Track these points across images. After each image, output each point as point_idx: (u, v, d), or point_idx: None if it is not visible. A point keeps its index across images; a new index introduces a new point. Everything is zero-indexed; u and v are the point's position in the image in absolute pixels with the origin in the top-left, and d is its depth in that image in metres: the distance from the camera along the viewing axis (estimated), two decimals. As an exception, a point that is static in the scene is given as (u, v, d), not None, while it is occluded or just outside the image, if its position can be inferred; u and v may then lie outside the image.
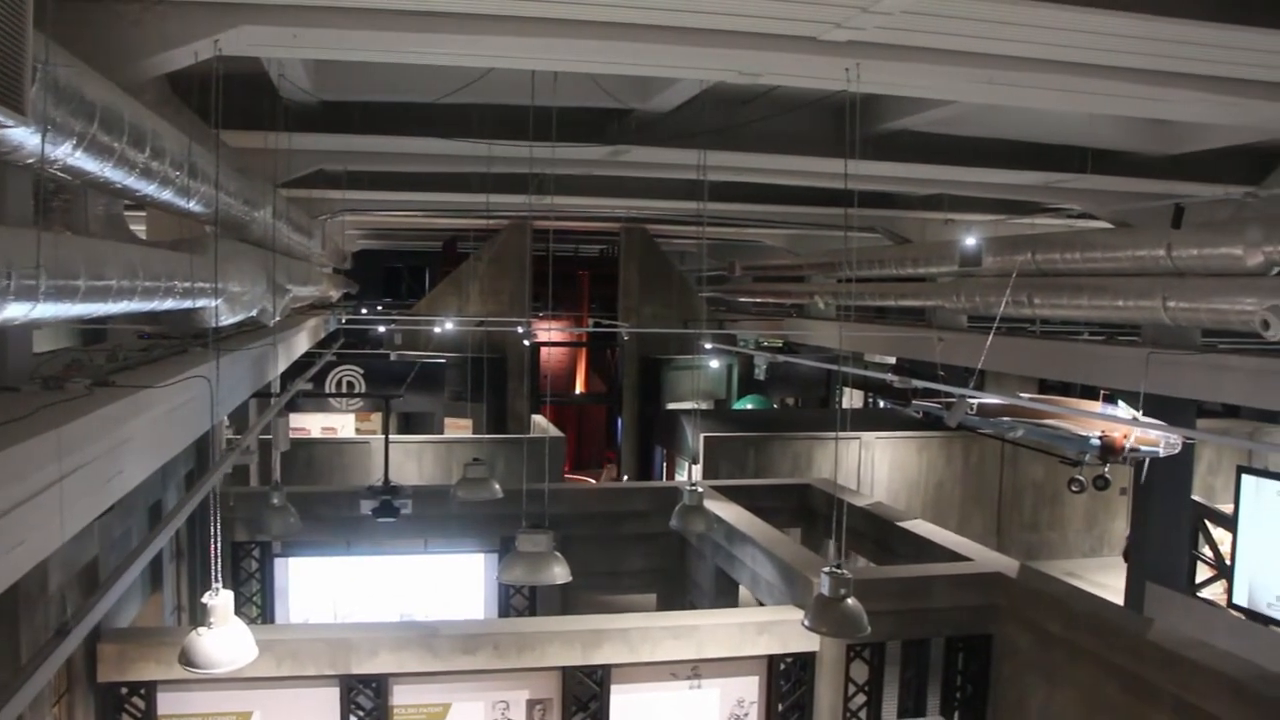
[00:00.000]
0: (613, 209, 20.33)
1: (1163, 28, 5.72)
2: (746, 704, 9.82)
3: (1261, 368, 11.23)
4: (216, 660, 5.33)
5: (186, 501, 5.00)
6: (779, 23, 5.97)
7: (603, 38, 6.07)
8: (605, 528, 14.48)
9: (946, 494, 22.23)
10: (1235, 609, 15.60)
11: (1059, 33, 5.89)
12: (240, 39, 5.76)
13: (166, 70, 6.06)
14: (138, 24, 5.46)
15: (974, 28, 5.92)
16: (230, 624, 5.40)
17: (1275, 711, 7.36)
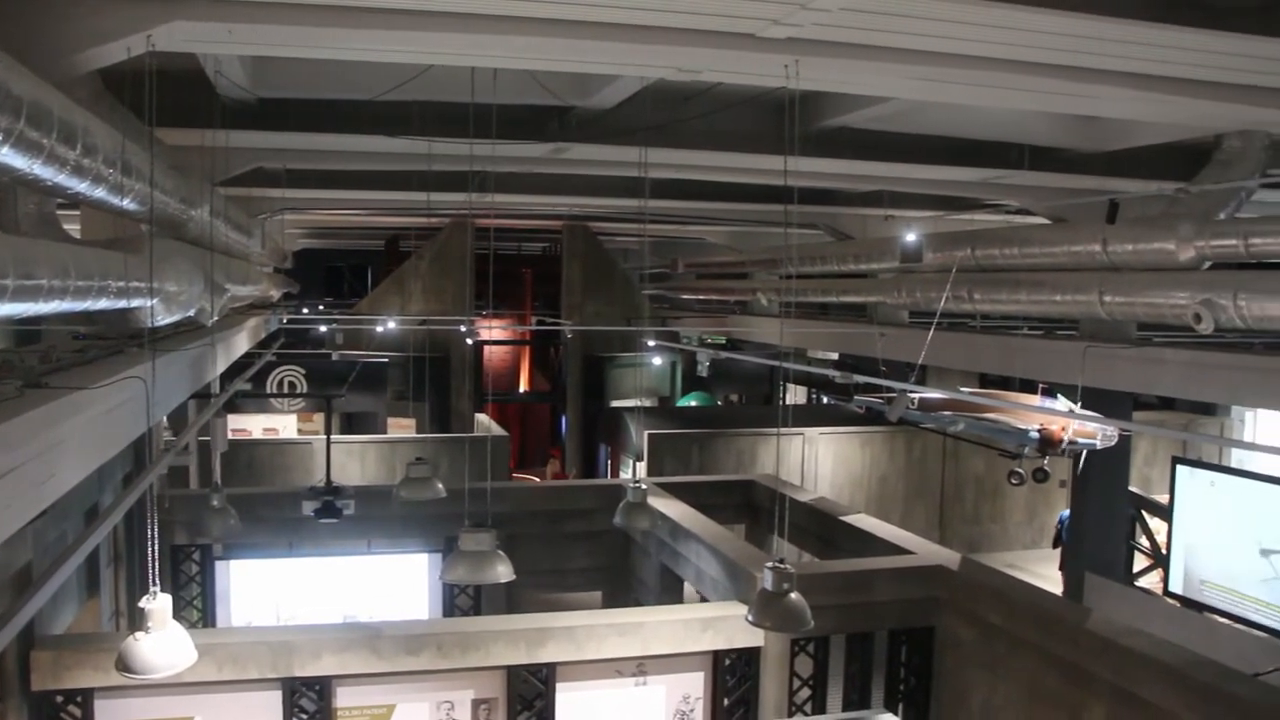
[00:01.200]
0: (555, 207, 20.29)
1: (1094, 26, 5.80)
2: (692, 700, 9.85)
3: (1194, 360, 11.43)
4: (154, 665, 5.24)
5: (121, 501, 4.92)
6: (717, 19, 5.99)
7: (541, 34, 6.05)
8: (550, 526, 14.45)
9: (890, 488, 22.42)
10: (1171, 597, 15.87)
11: (993, 30, 5.96)
12: (173, 34, 5.67)
13: (98, 66, 5.96)
14: (67, 18, 5.37)
15: (910, 25, 5.97)
16: (169, 628, 5.31)
17: (1206, 694, 7.52)
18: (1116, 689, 8.23)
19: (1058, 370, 13.13)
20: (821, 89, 8.96)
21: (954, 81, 7.17)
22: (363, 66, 8.91)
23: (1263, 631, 13.97)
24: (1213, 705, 7.42)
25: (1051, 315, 13.83)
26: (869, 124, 10.94)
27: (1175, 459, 17.05)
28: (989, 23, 5.78)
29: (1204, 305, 10.09)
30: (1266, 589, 14.21)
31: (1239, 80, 7.02)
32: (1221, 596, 15.04)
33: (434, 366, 23.80)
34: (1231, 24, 5.91)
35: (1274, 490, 14.85)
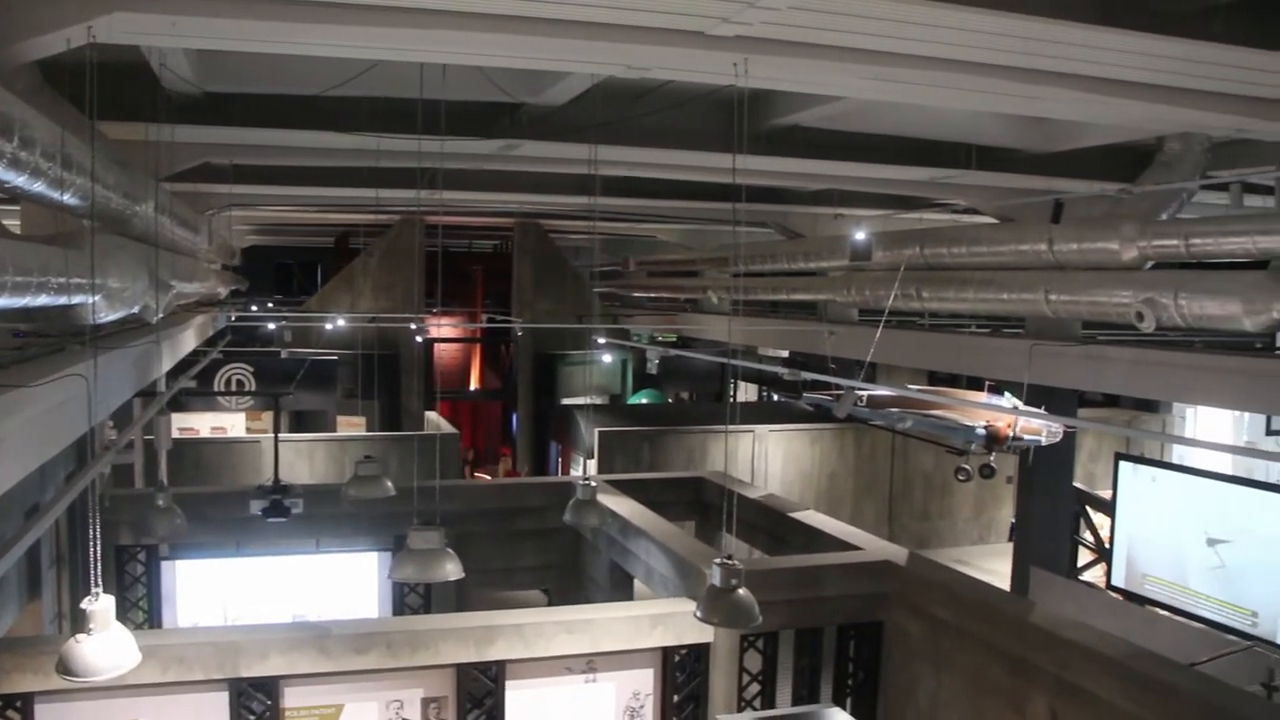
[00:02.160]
0: (506, 204, 20.24)
1: (1040, 28, 5.87)
2: (642, 696, 9.86)
3: (1137, 358, 11.61)
4: (97, 668, 5.17)
5: (60, 498, 4.85)
6: (666, 16, 6.00)
7: (490, 30, 6.03)
8: (499, 524, 14.40)
9: (839, 485, 22.58)
10: (1114, 590, 16.10)
11: (942, 30, 6.01)
12: (115, 26, 5.59)
13: (37, 57, 5.87)
14: (3, 8, 5.28)
15: (859, 24, 6.01)
16: (111, 629, 5.24)
17: (1144, 684, 7.65)
18: (1059, 680, 8.34)
19: (1004, 368, 13.28)
20: (772, 87, 8.99)
21: (903, 81, 7.22)
22: (311, 61, 8.83)
23: (1201, 623, 14.21)
24: (1150, 695, 7.55)
25: (998, 313, 13.99)
26: (820, 123, 11.00)
27: (1118, 455, 17.26)
28: (938, 23, 5.83)
29: (1146, 304, 10.26)
30: (1211, 578, 14.44)
31: (1180, 84, 7.13)
32: (1162, 590, 15.27)
33: (384, 364, 23.67)
34: (1172, 29, 6.01)
35: (1213, 485, 15.10)
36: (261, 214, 24.14)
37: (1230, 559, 14.30)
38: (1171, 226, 10.07)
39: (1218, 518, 14.57)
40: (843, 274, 15.84)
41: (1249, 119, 7.90)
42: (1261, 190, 11.93)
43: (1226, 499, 14.64)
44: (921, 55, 6.44)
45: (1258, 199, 12.25)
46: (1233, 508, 14.47)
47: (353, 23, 5.95)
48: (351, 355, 22.19)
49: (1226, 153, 10.45)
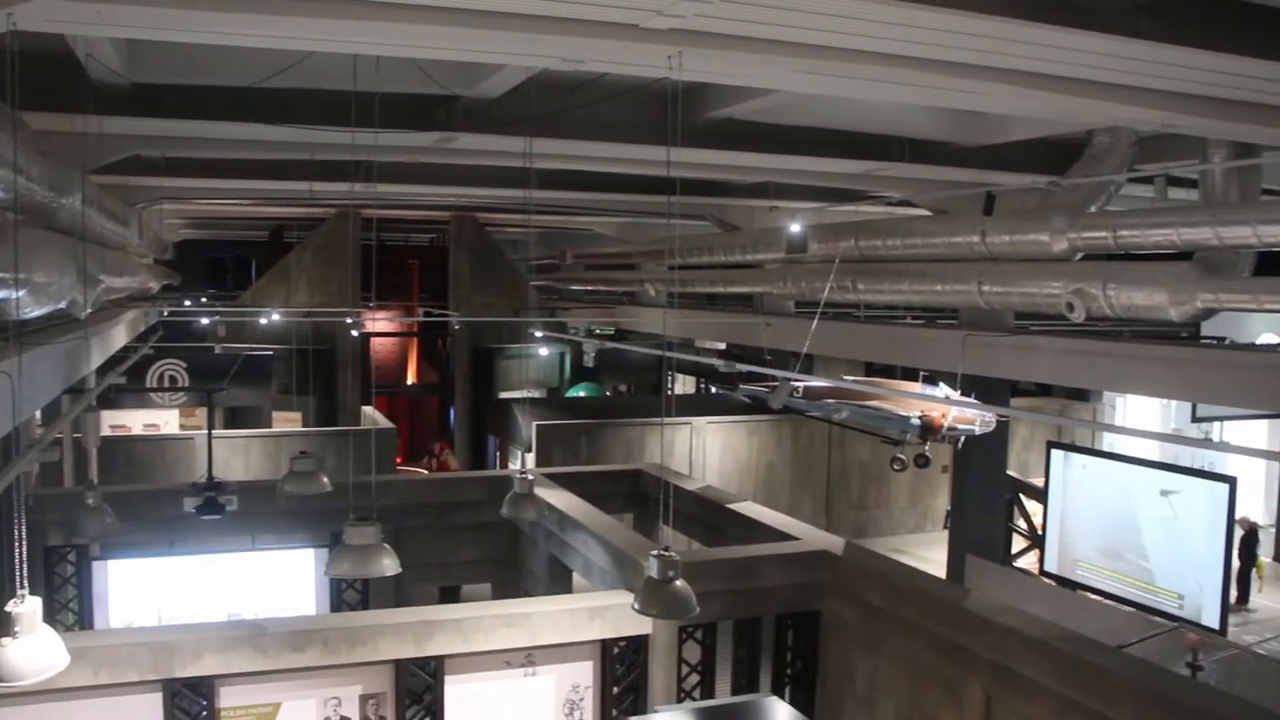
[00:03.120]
0: (442, 197, 20.10)
1: (971, 23, 5.91)
2: (581, 689, 9.87)
3: (1067, 348, 11.79)
4: (23, 671, 5.07)
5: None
6: (600, 9, 5.97)
7: (423, 22, 5.96)
8: (437, 518, 14.35)
9: (777, 476, 22.73)
10: (1047, 576, 16.39)
11: (875, 24, 6.04)
12: (36, 13, 5.46)
13: (-45, 47, 5.73)
14: (-81, -4, 5.15)
15: (792, 18, 6.02)
16: (38, 632, 5.14)
17: (1074, 666, 7.81)
18: (993, 665, 8.49)
19: (938, 358, 13.42)
20: (706, 80, 9.00)
21: (837, 75, 7.25)
22: (243, 52, 8.70)
23: (1131, 607, 14.52)
24: (1081, 676, 7.70)
25: (933, 305, 14.14)
26: (755, 116, 11.02)
27: (1050, 443, 17.59)
28: (871, 17, 5.86)
29: (1076, 295, 10.43)
30: (1140, 563, 14.75)
31: (1108, 79, 7.21)
32: (1093, 575, 15.57)
33: (320, 359, 23.46)
34: (1100, 25, 6.08)
35: (1141, 472, 15.41)
36: (194, 207, 23.79)
37: (1157, 543, 14.61)
38: (1100, 219, 10.23)
39: (1147, 503, 14.88)
40: (779, 266, 15.92)
41: (1174, 114, 8.02)
42: (1185, 184, 12.16)
43: (1155, 485, 14.95)
44: (855, 49, 6.47)
45: (1181, 192, 12.49)
46: (1162, 493, 14.78)
47: (283, 13, 5.86)
48: (287, 350, 21.97)
49: (1152, 147, 10.63)
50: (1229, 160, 9.58)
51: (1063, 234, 10.35)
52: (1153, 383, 11.36)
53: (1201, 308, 9.57)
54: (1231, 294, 9.28)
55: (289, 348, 21.49)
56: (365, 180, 13.28)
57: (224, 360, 21.68)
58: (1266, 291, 9.00)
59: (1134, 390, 17.17)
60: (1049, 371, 12.44)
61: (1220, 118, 7.97)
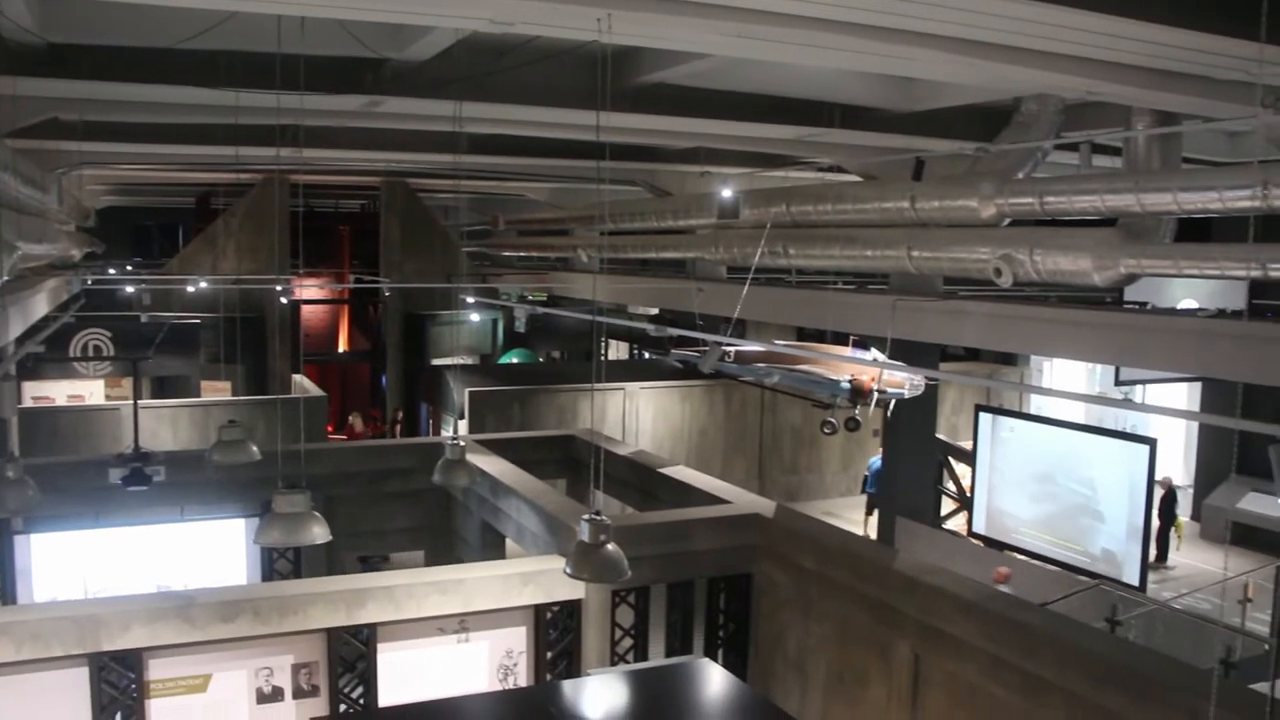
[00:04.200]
0: (371, 162, 19.87)
1: (900, -12, 5.96)
2: (515, 654, 9.90)
3: (995, 313, 11.96)
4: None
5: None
6: (530, -29, 5.94)
7: (348, -18, 5.90)
8: (369, 486, 14.26)
9: (710, 441, 22.87)
10: (975, 537, 16.69)
11: (802, -12, 6.07)
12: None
13: None
14: None
15: (721, -19, 6.03)
16: (-43, 604, 5.06)
17: (1000, 624, 7.99)
18: (921, 624, 8.63)
19: (869, 323, 13.55)
20: (637, 44, 8.95)
21: (767, 39, 7.25)
22: (163, 11, 8.49)
23: (1055, 565, 14.84)
24: (1006, 634, 7.87)
25: (863, 270, 14.25)
26: (686, 80, 10.99)
27: (978, 407, 17.86)
28: (802, -19, 5.88)
29: (1004, 260, 10.56)
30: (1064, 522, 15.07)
31: (1036, 46, 7.29)
32: (1020, 535, 15.89)
33: (248, 328, 23.12)
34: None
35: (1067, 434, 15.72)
36: (117, 173, 23.27)
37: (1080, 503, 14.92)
38: (1027, 185, 10.34)
39: (1071, 465, 15.20)
40: (711, 232, 15.94)
41: (1098, 82, 8.14)
42: (1110, 151, 12.34)
43: (1079, 447, 15.27)
44: (784, 13, 6.47)
45: (1105, 159, 12.67)
46: (1085, 455, 15.10)
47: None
48: (215, 319, 21.63)
49: (1078, 114, 10.77)
50: (1151, 128, 9.74)
51: (991, 200, 10.46)
52: (1077, 346, 11.56)
53: (1125, 273, 9.74)
54: (1153, 259, 9.46)
55: (217, 316, 21.16)
56: (292, 145, 13.08)
57: (150, 329, 21.31)
58: (1186, 257, 9.17)
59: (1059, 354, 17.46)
60: (977, 336, 12.62)
61: (1142, 86, 8.10)
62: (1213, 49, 6.75)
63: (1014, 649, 7.79)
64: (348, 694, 9.33)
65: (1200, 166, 11.96)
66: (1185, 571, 17.96)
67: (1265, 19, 4.29)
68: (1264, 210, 7.85)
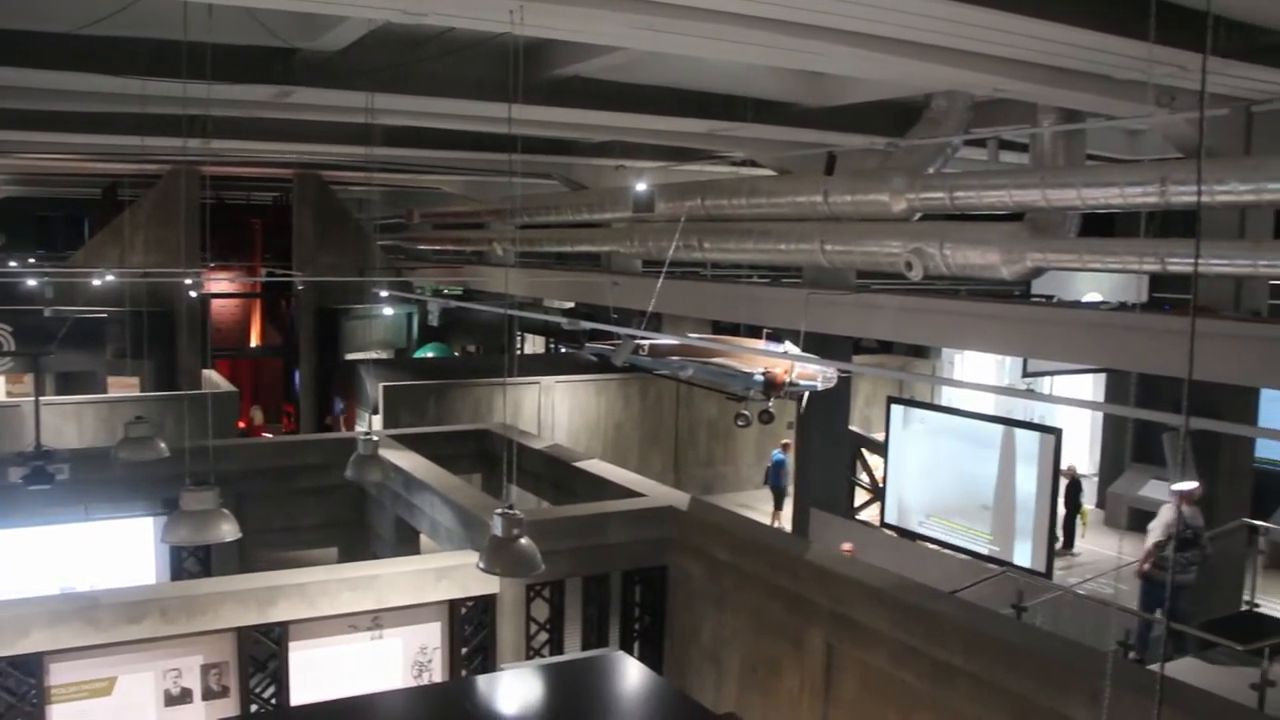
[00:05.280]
0: (284, 154, 19.56)
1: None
2: (429, 650, 9.82)
3: (906, 305, 12.16)
4: None
5: None
6: (440, -38, 5.89)
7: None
8: (281, 482, 14.06)
9: (625, 434, 22.91)
10: (888, 527, 16.93)
11: (713, -18, 6.10)
12: None
13: None
14: None
15: (632, -26, 6.04)
16: None
17: (910, 613, 8.10)
18: (833, 614, 8.73)
19: (783, 316, 13.68)
20: (549, 36, 8.93)
21: (677, 32, 7.29)
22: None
23: (964, 554, 15.12)
24: (916, 622, 7.99)
25: (777, 263, 14.40)
26: (601, 74, 11.00)
27: (890, 399, 18.10)
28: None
29: (914, 254, 10.74)
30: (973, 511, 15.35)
31: (943, 43, 7.42)
32: (930, 524, 16.15)
33: (157, 322, 22.63)
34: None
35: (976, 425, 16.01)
36: (17, 162, 22.65)
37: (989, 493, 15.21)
38: (937, 180, 10.52)
39: (981, 455, 15.47)
40: (626, 225, 15.98)
41: (1005, 79, 8.32)
42: (1017, 147, 12.59)
43: (988, 437, 15.55)
44: (693, 7, 6.50)
45: (1013, 155, 12.92)
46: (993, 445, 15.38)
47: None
48: (121, 313, 21.14)
49: (987, 111, 10.96)
50: (1056, 125, 9.96)
51: (902, 194, 10.62)
52: (986, 339, 11.80)
53: (1031, 266, 9.96)
54: (1058, 253, 9.68)
55: (124, 310, 20.69)
56: (200, 135, 12.83)
57: (53, 323, 20.73)
58: (1090, 251, 9.41)
59: (969, 346, 17.80)
60: (889, 329, 12.81)
61: (1047, 84, 8.30)
62: (1108, 48, 6.93)
63: (924, 636, 7.91)
64: (259, 694, 9.18)
65: (1103, 163, 12.23)
66: (1090, 558, 18.37)
67: (1154, 20, 4.40)
68: (1163, 206, 8.09)
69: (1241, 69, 7.51)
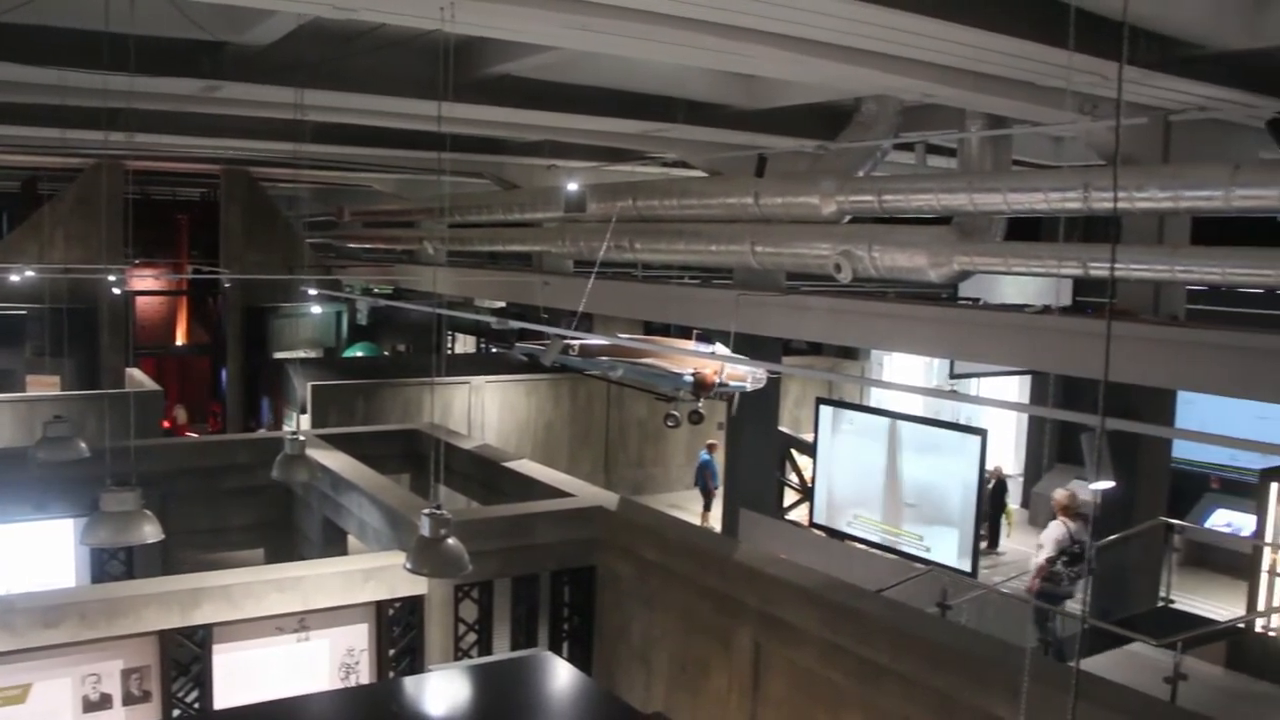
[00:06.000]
0: (210, 149, 19.27)
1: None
2: (357, 652, 9.72)
3: (835, 307, 12.26)
4: None
5: None
6: (370, -43, 5.84)
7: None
8: (206, 483, 13.85)
9: (556, 434, 22.88)
10: (817, 527, 17.07)
11: (644, -17, 6.11)
12: None
13: None
14: None
15: (563, -26, 6.03)
16: None
17: (837, 611, 8.17)
18: (762, 614, 8.78)
19: (713, 317, 13.74)
20: (481, 34, 8.88)
21: (606, 32, 7.29)
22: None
23: (891, 553, 15.29)
24: (843, 621, 8.06)
25: (708, 264, 14.45)
26: (533, 73, 10.96)
27: (819, 399, 18.26)
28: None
29: (844, 256, 10.84)
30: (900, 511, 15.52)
31: (872, 47, 7.48)
32: (859, 524, 16.31)
33: (79, 319, 22.20)
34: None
35: (904, 426, 16.19)
36: (-70, 155, 22.10)
37: (916, 492, 15.41)
38: (867, 183, 10.63)
39: (908, 456, 15.66)
40: (557, 225, 15.95)
41: (933, 84, 8.41)
42: (945, 152, 12.75)
43: (916, 438, 15.74)
44: (624, 7, 6.50)
45: (941, 160, 13.09)
46: (921, 446, 15.58)
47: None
48: (42, 310, 20.70)
49: (916, 116, 11.09)
50: (984, 131, 10.11)
51: (832, 197, 10.71)
52: (914, 341, 11.94)
53: (958, 269, 10.10)
54: (985, 257, 9.82)
55: (44, 307, 20.26)
56: (123, 129, 12.59)
57: (-30, 323, 20.31)
58: (1015, 255, 9.56)
59: (897, 348, 18.00)
60: (818, 330, 12.91)
61: (974, 90, 8.40)
62: (1032, 55, 7.04)
63: (851, 635, 7.99)
64: (181, 698, 9.02)
65: (1028, 169, 12.43)
66: (1015, 556, 18.67)
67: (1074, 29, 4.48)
68: (1086, 212, 8.24)
69: (1159, 79, 7.67)
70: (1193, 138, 8.98)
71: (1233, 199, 7.29)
